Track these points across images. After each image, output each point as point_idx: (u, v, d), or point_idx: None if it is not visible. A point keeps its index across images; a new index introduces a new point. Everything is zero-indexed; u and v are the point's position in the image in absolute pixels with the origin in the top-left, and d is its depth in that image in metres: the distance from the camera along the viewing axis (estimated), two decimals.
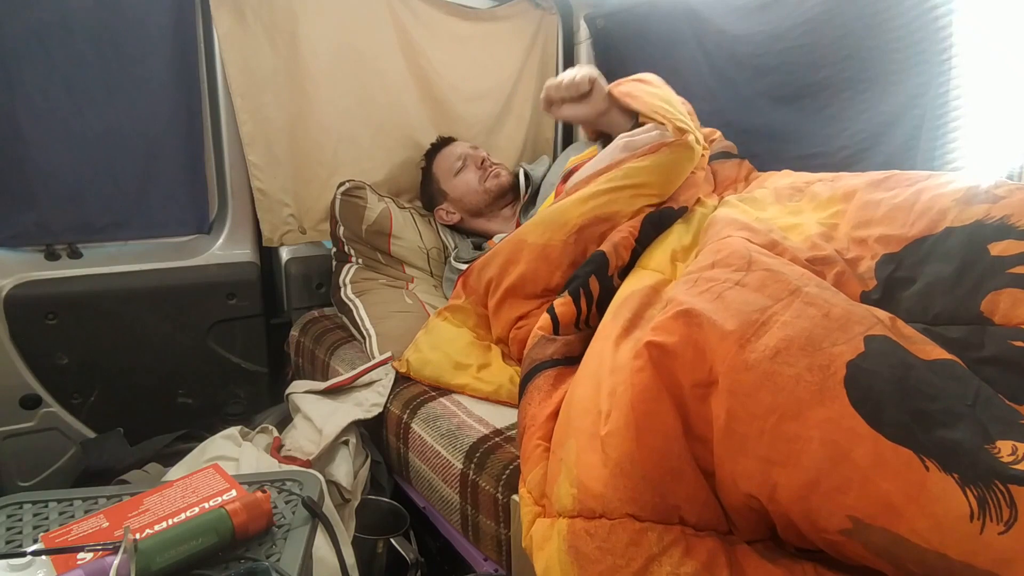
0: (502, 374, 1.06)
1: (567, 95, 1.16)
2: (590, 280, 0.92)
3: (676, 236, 0.97)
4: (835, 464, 0.51)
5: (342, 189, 1.49)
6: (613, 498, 0.62)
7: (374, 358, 1.20)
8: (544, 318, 0.92)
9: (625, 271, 0.95)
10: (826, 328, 0.59)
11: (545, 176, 1.48)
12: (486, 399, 1.04)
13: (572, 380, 0.79)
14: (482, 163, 1.53)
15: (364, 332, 1.28)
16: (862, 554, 0.51)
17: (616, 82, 1.21)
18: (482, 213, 1.55)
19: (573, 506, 0.65)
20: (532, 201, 1.47)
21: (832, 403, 0.53)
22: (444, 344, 1.12)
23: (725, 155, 1.23)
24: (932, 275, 0.69)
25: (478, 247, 1.48)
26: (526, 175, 1.52)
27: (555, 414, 0.79)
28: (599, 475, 0.63)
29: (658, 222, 1.00)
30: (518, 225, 1.42)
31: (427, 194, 1.63)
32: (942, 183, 0.78)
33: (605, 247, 0.96)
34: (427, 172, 1.62)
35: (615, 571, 0.60)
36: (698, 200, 1.06)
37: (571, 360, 0.86)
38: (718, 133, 1.30)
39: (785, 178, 1.08)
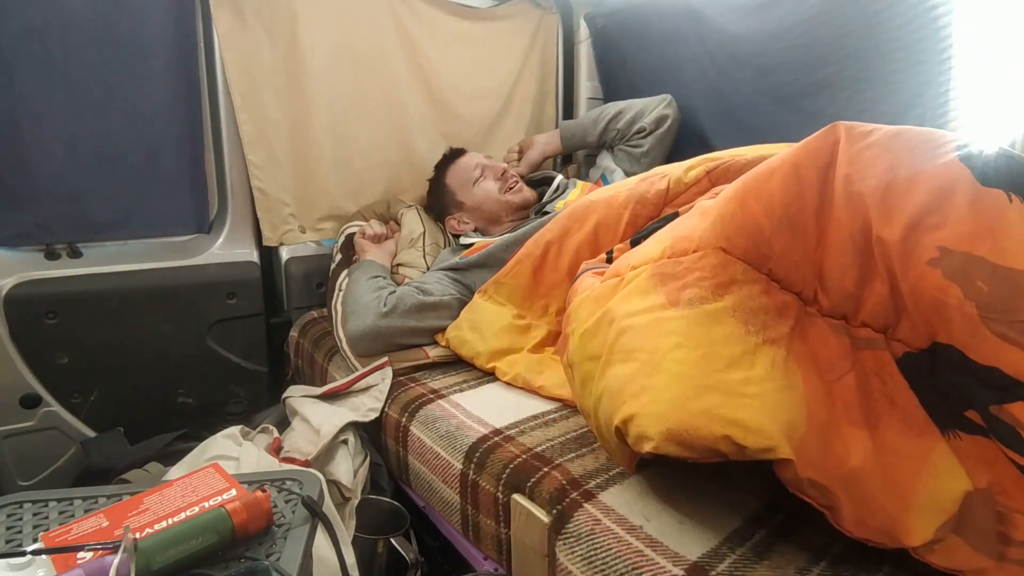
0: (520, 363, 1.11)
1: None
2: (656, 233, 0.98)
3: None
4: (938, 205, 0.59)
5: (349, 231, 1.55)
6: (708, 236, 0.71)
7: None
8: (600, 256, 0.99)
9: None
10: (940, 140, 0.65)
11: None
12: (509, 383, 1.10)
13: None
14: (503, 174, 1.55)
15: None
16: (937, 283, 0.58)
17: None
18: (500, 220, 1.54)
19: (662, 252, 0.74)
20: (541, 210, 1.49)
21: (944, 166, 0.61)
22: (483, 326, 1.18)
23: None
24: None
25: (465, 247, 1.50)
26: (552, 183, 1.58)
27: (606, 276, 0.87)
28: (696, 230, 0.73)
29: None
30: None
31: (439, 205, 1.61)
32: None
33: (681, 208, 1.01)
34: (438, 183, 1.60)
35: (699, 281, 0.68)
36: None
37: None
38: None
39: None
